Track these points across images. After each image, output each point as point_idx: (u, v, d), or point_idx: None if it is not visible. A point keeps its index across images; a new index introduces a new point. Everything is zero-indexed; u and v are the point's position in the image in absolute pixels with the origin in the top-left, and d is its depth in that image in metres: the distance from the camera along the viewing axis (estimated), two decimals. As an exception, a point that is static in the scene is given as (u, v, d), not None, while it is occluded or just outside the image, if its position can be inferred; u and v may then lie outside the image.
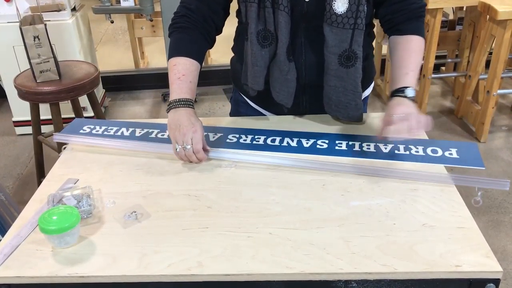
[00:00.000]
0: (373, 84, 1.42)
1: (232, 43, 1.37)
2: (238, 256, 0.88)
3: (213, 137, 1.26)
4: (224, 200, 1.03)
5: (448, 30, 3.29)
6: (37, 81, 2.19)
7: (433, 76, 3.09)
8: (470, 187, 1.07)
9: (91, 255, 0.89)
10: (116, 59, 4.23)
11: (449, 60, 3.52)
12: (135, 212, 1.00)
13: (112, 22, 3.10)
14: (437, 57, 3.16)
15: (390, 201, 1.01)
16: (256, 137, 1.25)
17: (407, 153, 1.17)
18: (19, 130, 3.11)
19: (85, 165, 1.18)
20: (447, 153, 1.17)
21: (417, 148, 1.19)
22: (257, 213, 0.99)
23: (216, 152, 1.18)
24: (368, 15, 1.17)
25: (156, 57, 4.14)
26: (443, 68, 3.64)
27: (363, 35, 1.17)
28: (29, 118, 2.34)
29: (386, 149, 1.19)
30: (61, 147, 1.28)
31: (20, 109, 2.99)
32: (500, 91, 2.88)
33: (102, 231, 0.96)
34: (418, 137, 1.16)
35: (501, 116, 3.19)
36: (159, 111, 3.43)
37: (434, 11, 2.83)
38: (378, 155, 1.17)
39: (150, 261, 0.87)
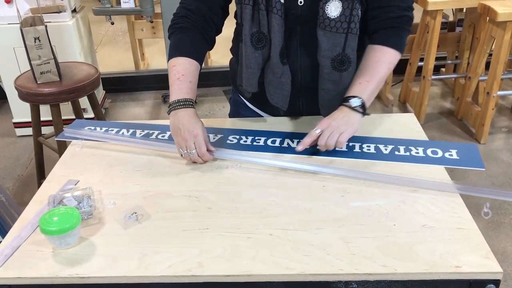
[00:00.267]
0: None
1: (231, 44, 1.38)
2: (238, 256, 0.88)
3: (214, 138, 1.26)
4: (224, 201, 1.03)
5: (448, 31, 3.30)
6: (38, 82, 2.19)
7: (433, 77, 3.10)
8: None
9: (92, 256, 0.90)
10: (116, 60, 4.24)
11: (449, 61, 3.52)
12: (136, 213, 1.00)
13: (112, 23, 3.10)
14: (437, 59, 3.16)
15: (390, 202, 1.01)
16: (256, 138, 1.26)
17: (407, 154, 1.17)
18: (19, 131, 3.12)
19: (86, 166, 1.18)
20: (447, 154, 1.17)
21: (417, 149, 1.19)
22: (257, 214, 0.99)
23: (220, 152, 1.18)
24: (362, 18, 1.16)
25: (156, 59, 4.14)
26: (443, 69, 3.64)
27: (358, 39, 1.16)
28: (30, 119, 2.34)
29: (386, 150, 1.19)
30: (62, 148, 1.29)
31: (20, 111, 2.99)
32: (500, 93, 2.89)
33: (102, 232, 0.96)
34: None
35: (501, 117, 3.19)
36: (159, 112, 3.43)
37: (434, 13, 2.84)
38: (378, 156, 1.17)
39: (150, 261, 0.88)
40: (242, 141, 1.25)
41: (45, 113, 2.38)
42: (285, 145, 1.22)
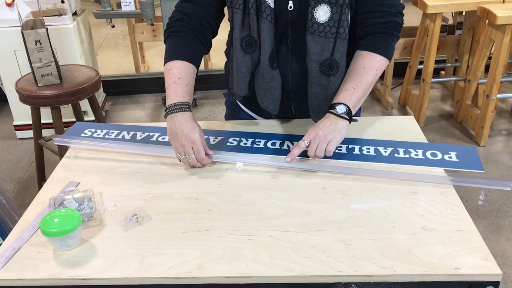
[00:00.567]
0: None
1: None
2: (238, 258, 0.88)
3: (214, 141, 1.27)
4: (224, 203, 1.04)
5: (447, 34, 3.30)
6: (38, 85, 2.20)
7: (433, 80, 3.10)
8: (469, 190, 1.08)
9: (92, 257, 0.90)
10: (116, 63, 4.25)
11: (449, 64, 3.53)
12: (136, 215, 1.00)
13: (113, 26, 3.11)
14: (437, 62, 3.17)
15: (389, 204, 1.01)
16: (256, 140, 1.26)
17: (407, 156, 1.18)
18: (20, 134, 3.12)
19: (86, 169, 1.18)
20: (446, 157, 1.18)
21: (417, 151, 1.20)
22: (257, 216, 0.99)
23: (219, 154, 1.18)
24: (352, 23, 1.16)
25: (156, 62, 4.15)
26: (443, 72, 3.65)
27: (348, 44, 1.16)
28: (30, 122, 2.35)
29: (386, 152, 1.19)
30: (62, 151, 1.29)
31: (21, 113, 3.00)
32: (499, 95, 2.89)
33: (103, 233, 0.96)
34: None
35: (501, 120, 3.20)
36: (159, 115, 3.44)
37: (433, 16, 2.85)
38: (378, 158, 1.17)
39: (151, 263, 0.88)
40: (242, 143, 1.25)
41: (46, 115, 2.39)
42: (285, 147, 1.23)
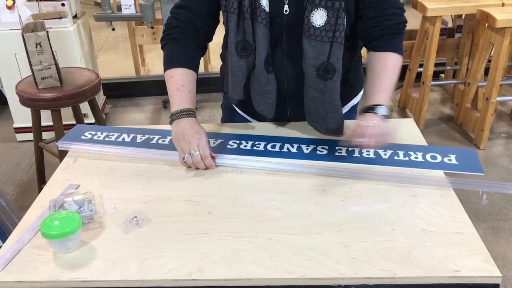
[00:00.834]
0: (361, 92, 1.41)
1: None
2: (238, 261, 0.88)
3: (214, 143, 1.27)
4: (224, 205, 1.04)
5: (447, 37, 3.31)
6: (39, 88, 2.20)
7: (433, 83, 3.11)
8: (469, 193, 1.08)
9: (92, 260, 0.90)
10: (117, 66, 4.25)
11: (448, 67, 3.53)
12: (136, 217, 1.00)
13: (113, 29, 3.12)
14: (436, 65, 3.17)
15: (389, 206, 1.02)
16: (256, 143, 1.26)
17: (407, 159, 1.18)
18: (20, 136, 3.12)
19: (86, 171, 1.18)
20: (446, 159, 1.18)
21: (417, 154, 1.20)
22: (257, 218, 0.99)
23: (223, 158, 1.19)
24: (348, 27, 1.16)
25: (157, 64, 4.15)
26: (443, 75, 3.65)
27: (345, 48, 1.17)
28: (30, 124, 2.35)
29: (385, 155, 1.20)
30: (62, 153, 1.29)
31: (21, 116, 3.00)
32: (499, 98, 2.89)
33: (103, 236, 0.96)
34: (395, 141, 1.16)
35: (500, 123, 3.20)
36: (159, 117, 3.44)
37: (433, 19, 2.85)
38: (377, 161, 1.17)
39: (151, 265, 0.88)
40: (242, 146, 1.25)
41: (46, 118, 2.38)
42: (285, 150, 1.23)
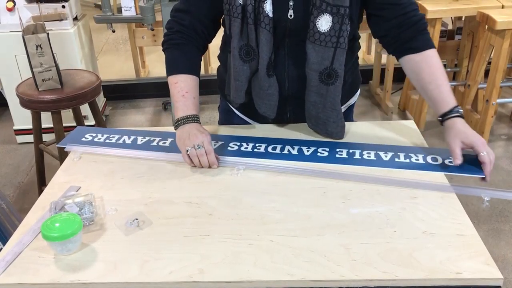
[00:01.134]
0: (358, 92, 1.43)
1: None
2: (239, 263, 0.88)
3: (214, 145, 1.27)
4: (224, 207, 1.04)
5: (447, 39, 3.31)
6: (39, 90, 2.20)
7: (433, 85, 3.10)
8: (470, 195, 1.08)
9: (93, 262, 0.90)
10: (117, 68, 4.25)
11: (448, 69, 3.53)
12: (137, 219, 1.00)
13: (113, 31, 3.11)
14: (437, 66, 3.17)
15: (390, 208, 1.01)
16: (257, 145, 1.26)
17: (407, 161, 1.18)
18: (20, 138, 3.12)
19: (87, 173, 1.18)
20: (447, 161, 1.18)
21: (417, 156, 1.20)
22: (257, 220, 0.99)
23: (224, 160, 1.19)
24: (350, 33, 1.17)
25: (157, 66, 4.16)
26: (443, 77, 3.65)
27: (346, 54, 1.17)
28: (30, 126, 2.35)
29: (386, 157, 1.20)
30: (63, 155, 1.29)
31: (21, 118, 3.00)
32: (499, 100, 2.89)
33: (104, 238, 0.96)
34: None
35: (501, 125, 3.20)
36: (159, 119, 3.44)
37: (433, 21, 2.85)
38: (378, 163, 1.17)
39: (151, 268, 0.88)
40: (243, 148, 1.25)
41: (46, 120, 2.38)
42: (285, 151, 1.23)
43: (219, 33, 1.32)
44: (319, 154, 1.22)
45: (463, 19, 3.26)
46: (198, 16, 1.24)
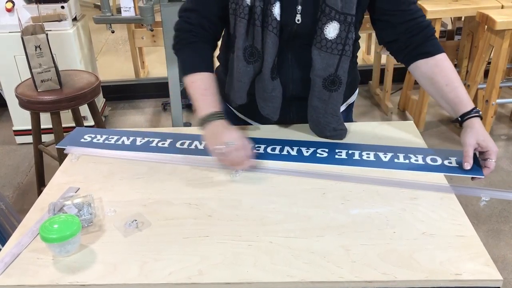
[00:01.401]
0: (357, 91, 1.43)
1: None
2: (238, 264, 0.88)
3: (214, 146, 1.26)
4: (224, 208, 1.04)
5: (446, 40, 3.31)
6: (38, 90, 2.20)
7: (432, 85, 3.10)
8: (469, 196, 1.08)
9: (92, 263, 0.90)
10: (116, 68, 4.25)
11: (448, 69, 3.53)
12: (136, 220, 1.00)
13: (112, 32, 3.11)
14: (436, 67, 3.17)
15: (390, 209, 1.01)
16: (256, 146, 1.26)
17: (407, 161, 1.18)
18: (20, 139, 3.12)
19: (86, 174, 1.18)
20: (446, 162, 1.18)
21: (417, 156, 1.20)
22: (257, 222, 0.99)
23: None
24: (355, 40, 1.19)
25: (156, 67, 4.15)
26: (442, 77, 3.65)
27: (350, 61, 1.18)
28: (30, 127, 2.34)
29: (385, 158, 1.19)
30: (62, 156, 1.29)
31: (20, 118, 3.00)
32: (499, 101, 2.89)
33: (103, 239, 0.96)
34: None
35: (500, 125, 3.20)
36: (159, 120, 3.44)
37: (432, 21, 2.85)
38: (377, 163, 1.17)
39: (151, 269, 0.88)
40: (242, 149, 1.25)
41: (45, 121, 2.38)
42: (285, 152, 1.23)
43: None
44: (318, 155, 1.21)
45: (463, 19, 3.26)
46: (206, 14, 1.22)
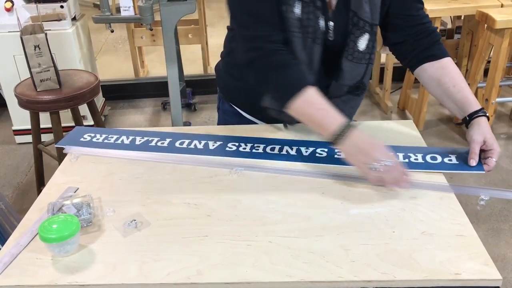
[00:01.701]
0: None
1: None
2: (237, 264, 0.88)
3: (213, 145, 1.26)
4: (223, 208, 1.03)
5: (446, 39, 3.31)
6: (38, 90, 2.20)
7: (432, 84, 3.10)
8: (469, 195, 1.08)
9: (91, 263, 0.90)
10: (116, 68, 4.25)
11: (448, 68, 3.53)
12: (135, 220, 1.00)
13: (112, 31, 3.11)
14: (436, 66, 3.17)
15: (389, 209, 1.01)
16: (255, 145, 1.26)
17: (406, 160, 1.18)
18: (19, 139, 3.12)
19: (85, 174, 1.18)
20: (446, 159, 1.18)
21: (416, 155, 1.19)
22: (256, 221, 0.99)
23: (224, 160, 1.18)
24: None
25: (156, 66, 4.15)
26: (442, 76, 3.65)
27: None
28: (29, 127, 2.34)
29: (385, 157, 1.19)
30: (61, 156, 1.29)
31: (20, 118, 3.00)
32: (498, 100, 2.89)
33: (102, 239, 0.96)
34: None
35: (500, 124, 3.20)
36: (158, 119, 3.44)
37: (432, 20, 2.84)
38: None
39: (150, 269, 0.88)
40: (241, 148, 1.25)
41: (45, 120, 2.38)
42: (284, 152, 1.23)
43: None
44: (317, 154, 1.21)
45: (463, 18, 3.26)
46: (277, 26, 1.13)
